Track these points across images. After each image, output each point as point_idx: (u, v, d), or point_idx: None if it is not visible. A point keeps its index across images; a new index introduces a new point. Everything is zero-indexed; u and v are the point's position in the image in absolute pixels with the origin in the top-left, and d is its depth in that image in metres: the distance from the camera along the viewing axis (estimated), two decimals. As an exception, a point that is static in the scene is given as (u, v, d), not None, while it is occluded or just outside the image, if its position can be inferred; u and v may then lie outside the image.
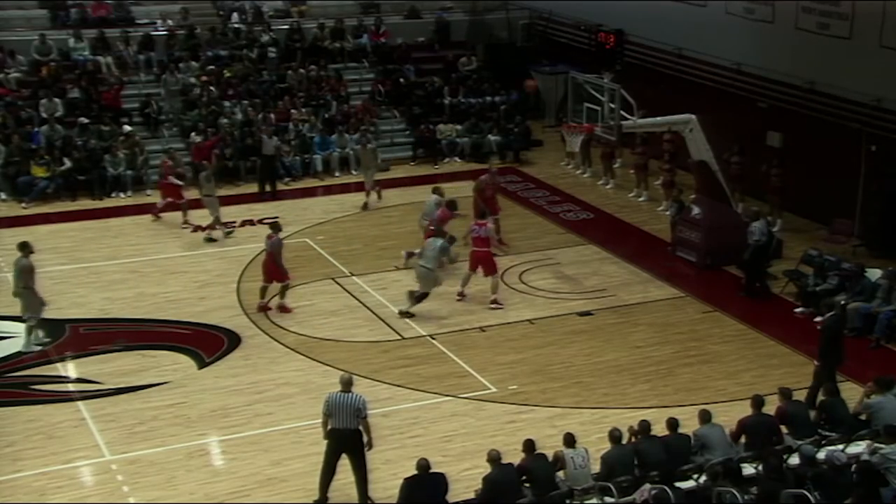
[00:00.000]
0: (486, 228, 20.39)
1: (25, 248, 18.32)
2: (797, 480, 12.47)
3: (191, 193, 24.19)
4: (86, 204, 25.50)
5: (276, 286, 19.67)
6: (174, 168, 24.37)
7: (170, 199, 24.04)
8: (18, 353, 17.91)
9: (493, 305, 19.91)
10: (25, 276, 18.07)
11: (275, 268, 19.63)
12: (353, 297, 20.43)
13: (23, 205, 25.13)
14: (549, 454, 13.15)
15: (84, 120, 27.03)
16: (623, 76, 23.18)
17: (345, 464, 13.84)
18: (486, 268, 20.14)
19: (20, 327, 18.68)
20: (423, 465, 12.69)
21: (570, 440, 13.26)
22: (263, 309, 19.50)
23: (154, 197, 25.94)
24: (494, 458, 12.83)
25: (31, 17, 30.26)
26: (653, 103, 24.20)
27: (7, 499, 14.00)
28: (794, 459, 13.25)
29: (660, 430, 13.75)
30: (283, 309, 19.55)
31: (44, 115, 27.03)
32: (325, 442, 13.82)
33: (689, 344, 18.71)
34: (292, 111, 28.71)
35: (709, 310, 19.96)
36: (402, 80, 31.05)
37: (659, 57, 28.19)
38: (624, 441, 13.46)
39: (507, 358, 18.15)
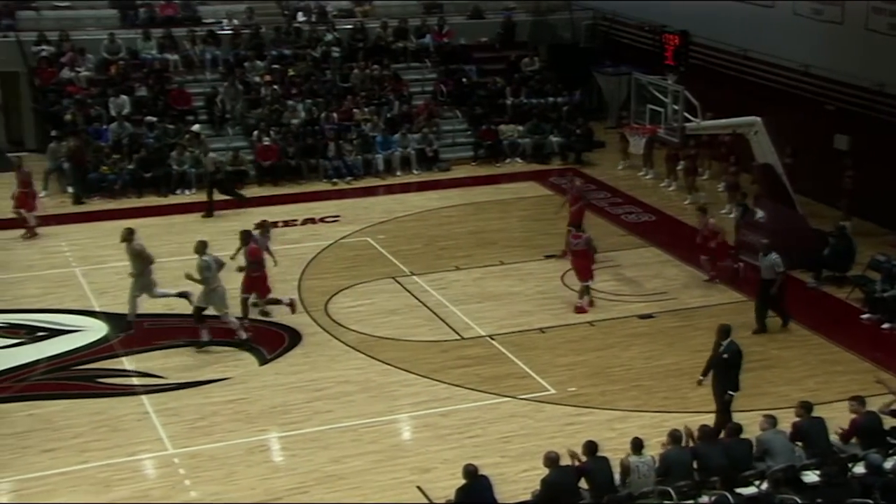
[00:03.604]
0: (584, 240, 20.31)
1: (132, 234, 19.00)
2: (864, 490, 12.27)
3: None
4: (151, 201, 25.85)
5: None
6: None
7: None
8: (85, 347, 18.17)
9: (577, 311, 19.86)
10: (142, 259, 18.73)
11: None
12: (414, 296, 20.47)
13: (84, 200, 25.53)
14: (609, 457, 13.07)
15: (151, 118, 27.41)
16: (687, 77, 22.93)
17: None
18: (580, 274, 20.12)
19: (87, 321, 19.01)
20: (472, 472, 12.56)
21: (637, 446, 13.13)
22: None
23: (214, 195, 26.23)
24: (552, 460, 12.77)
25: (101, 17, 30.73)
26: (717, 105, 23.96)
27: (73, 490, 14.23)
28: (860, 468, 13.03)
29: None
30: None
31: (112, 112, 27.45)
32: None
33: (750, 348, 18.39)
34: (355, 110, 28.86)
35: (771, 314, 19.72)
36: (464, 80, 31.07)
37: (723, 58, 27.91)
38: (683, 444, 13.35)
39: (567, 360, 18.08)
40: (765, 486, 12.73)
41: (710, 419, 14.63)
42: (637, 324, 19.50)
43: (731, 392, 15.20)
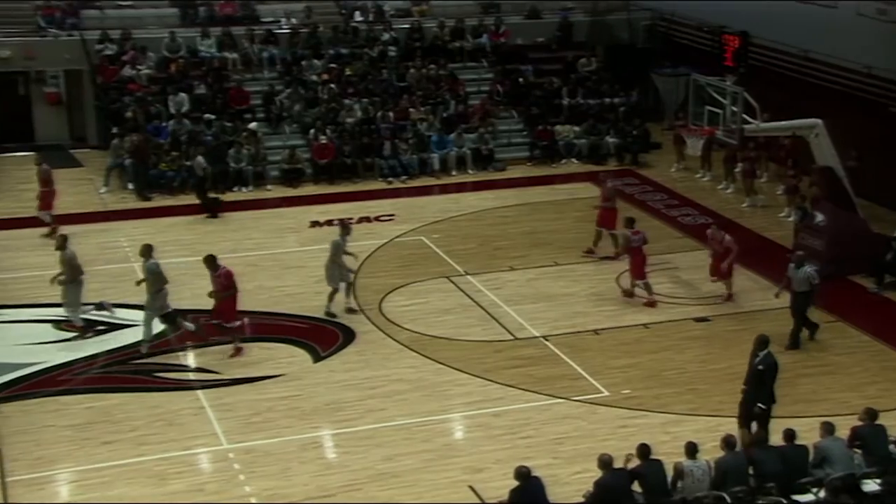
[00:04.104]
0: (642, 236, 20.31)
1: (345, 228, 19.53)
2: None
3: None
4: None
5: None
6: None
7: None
8: (141, 342, 18.38)
9: (624, 295, 20.17)
10: (333, 252, 19.15)
11: None
12: (468, 295, 20.48)
13: (146, 196, 25.83)
14: (663, 461, 12.98)
15: (209, 116, 27.69)
16: (746, 79, 22.73)
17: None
18: (634, 272, 20.14)
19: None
20: (524, 473, 12.50)
21: (691, 450, 13.03)
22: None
23: (274, 192, 26.48)
24: (606, 463, 12.70)
25: (162, 16, 31.13)
26: (776, 107, 23.69)
27: (129, 482, 14.42)
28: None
29: (776, 440, 13.47)
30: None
31: (171, 110, 27.78)
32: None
33: (809, 353, 18.28)
34: (411, 110, 28.94)
35: (832, 319, 19.46)
36: (520, 80, 31.02)
37: (784, 59, 27.59)
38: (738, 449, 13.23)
39: (621, 362, 17.98)
40: (823, 493, 12.57)
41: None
42: (692, 327, 19.34)
43: (762, 405, 14.83)
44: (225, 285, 17.93)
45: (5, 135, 29.47)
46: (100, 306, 18.96)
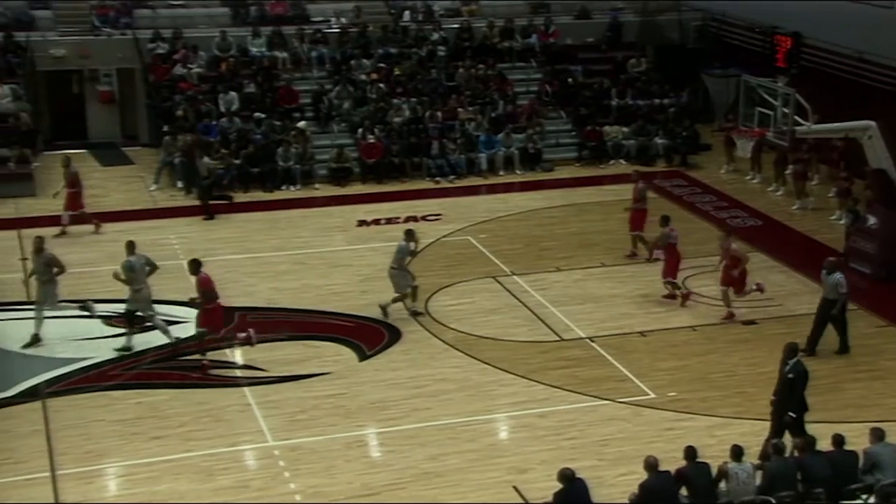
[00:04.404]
0: (677, 234, 20.27)
1: (410, 234, 19.36)
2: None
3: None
4: (257, 196, 26.28)
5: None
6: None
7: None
8: (187, 339, 18.55)
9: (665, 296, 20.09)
10: (398, 258, 19.03)
11: None
12: (514, 296, 20.45)
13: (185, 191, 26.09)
14: (709, 463, 12.88)
15: (259, 114, 27.88)
16: (798, 80, 22.47)
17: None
18: (668, 270, 20.10)
19: (194, 312, 19.38)
20: (569, 476, 12.45)
21: (737, 453, 12.93)
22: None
23: (322, 191, 26.61)
24: (652, 465, 12.64)
25: (213, 15, 31.41)
26: (829, 109, 23.41)
27: (177, 477, 14.55)
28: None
29: (825, 445, 13.31)
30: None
31: (221, 109, 28.00)
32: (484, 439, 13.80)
33: (859, 358, 18.04)
34: (459, 109, 28.95)
35: (883, 324, 19.20)
36: (569, 80, 30.92)
37: (837, 60, 27.26)
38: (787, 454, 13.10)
39: (668, 364, 17.86)
40: (872, 499, 12.41)
41: (812, 429, 14.28)
42: (740, 329, 19.17)
43: (792, 414, 14.58)
44: (202, 291, 17.52)
45: (60, 133, 29.91)
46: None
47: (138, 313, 18.17)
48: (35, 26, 29.75)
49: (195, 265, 17.79)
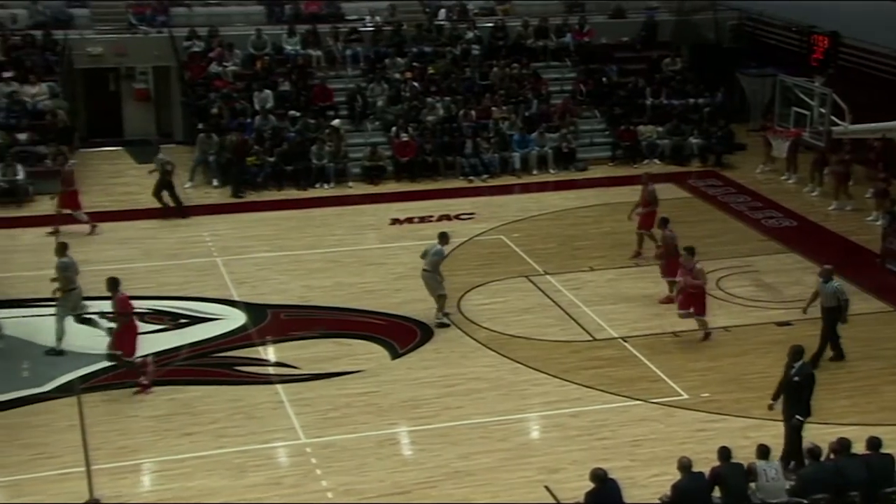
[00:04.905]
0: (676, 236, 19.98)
1: (444, 237, 19.09)
2: None
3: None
4: (291, 194, 26.36)
5: None
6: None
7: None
8: (224, 335, 18.65)
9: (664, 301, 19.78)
10: (434, 261, 18.81)
11: None
12: (546, 295, 20.40)
13: (242, 194, 26.08)
14: (743, 464, 12.80)
15: (294, 112, 27.98)
16: (835, 80, 22.28)
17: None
18: (668, 270, 19.86)
19: (227, 310, 19.54)
20: (601, 476, 12.40)
21: (763, 452, 12.90)
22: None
23: (356, 189, 26.67)
24: (685, 466, 12.57)
25: (248, 13, 31.57)
26: (867, 109, 23.19)
27: (209, 473, 14.63)
28: None
29: (860, 448, 13.19)
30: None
31: (256, 106, 28.13)
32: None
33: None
34: (493, 108, 28.92)
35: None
36: (604, 79, 30.82)
37: (875, 60, 27.00)
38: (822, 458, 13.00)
39: (701, 365, 17.77)
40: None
41: (847, 432, 14.13)
42: (774, 331, 19.02)
43: (799, 417, 14.42)
44: (119, 312, 16.80)
45: (96, 130, 30.16)
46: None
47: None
48: (72, 24, 30.01)
49: (113, 284, 16.88)
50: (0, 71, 27.96)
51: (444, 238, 19.16)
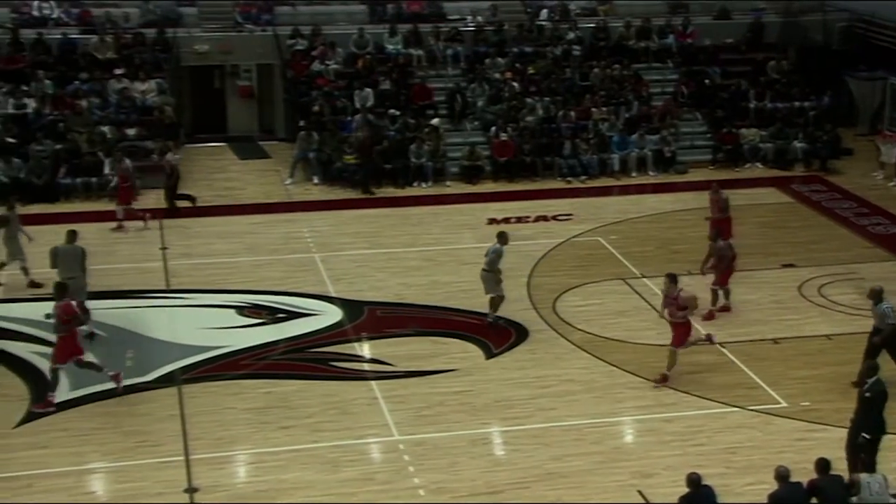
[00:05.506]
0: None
1: (503, 237, 18.98)
2: None
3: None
4: (389, 192, 26.55)
5: None
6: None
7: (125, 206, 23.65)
8: (321, 331, 18.85)
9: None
10: (492, 260, 18.80)
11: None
12: (643, 298, 20.21)
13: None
14: (843, 476, 12.53)
15: (393, 111, 28.18)
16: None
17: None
18: (722, 279, 19.50)
19: (324, 306, 19.75)
20: (696, 481, 12.27)
21: (869, 465, 12.56)
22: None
23: (453, 188, 26.75)
24: (783, 476, 12.33)
25: (351, 13, 31.87)
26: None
27: (304, 466, 14.82)
28: None
29: None
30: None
31: (357, 105, 28.39)
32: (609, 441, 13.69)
33: None
34: (593, 109, 28.75)
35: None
36: (706, 81, 30.40)
37: None
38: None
39: (801, 373, 17.42)
40: None
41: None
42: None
43: (865, 435, 13.93)
44: (63, 320, 16.16)
45: (200, 126, 30.78)
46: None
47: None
48: (181, 23, 30.67)
49: (60, 290, 16.53)
50: (112, 68, 28.73)
51: (502, 237, 19.02)
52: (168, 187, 24.75)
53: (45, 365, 16.83)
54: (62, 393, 16.46)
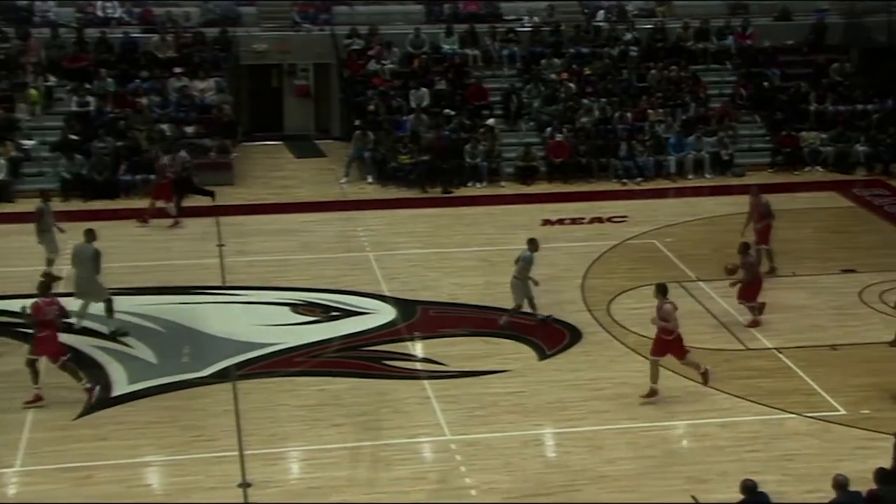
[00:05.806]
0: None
1: (534, 243, 18.95)
2: None
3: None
4: (437, 192, 26.52)
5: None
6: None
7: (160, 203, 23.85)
8: (374, 329, 18.89)
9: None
10: (522, 267, 18.74)
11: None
12: (699, 302, 20.02)
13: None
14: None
15: (449, 111, 28.18)
16: None
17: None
18: (750, 294, 19.10)
19: (377, 304, 19.79)
20: (751, 487, 12.09)
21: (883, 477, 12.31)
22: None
23: (508, 188, 26.70)
24: (841, 484, 12.13)
25: (408, 12, 31.94)
26: None
27: (355, 465, 14.82)
28: None
29: None
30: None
31: (412, 104, 28.44)
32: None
33: None
34: (649, 111, 28.54)
35: None
36: (765, 83, 30.06)
37: None
38: None
39: (861, 380, 17.12)
40: None
41: None
42: (942, 348, 18.20)
43: None
44: (34, 319, 15.98)
45: (258, 125, 31.01)
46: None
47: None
48: (240, 22, 30.93)
49: (42, 286, 16.63)
50: (172, 67, 29.05)
51: (533, 244, 18.85)
52: (179, 182, 24.42)
53: (104, 358, 17.06)
54: (120, 386, 16.69)
